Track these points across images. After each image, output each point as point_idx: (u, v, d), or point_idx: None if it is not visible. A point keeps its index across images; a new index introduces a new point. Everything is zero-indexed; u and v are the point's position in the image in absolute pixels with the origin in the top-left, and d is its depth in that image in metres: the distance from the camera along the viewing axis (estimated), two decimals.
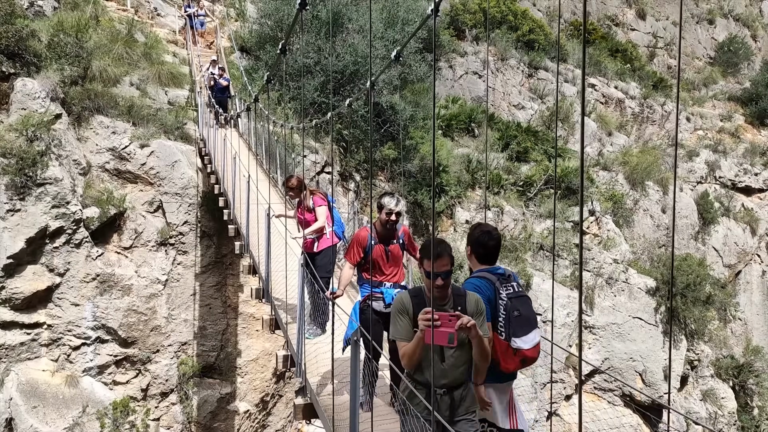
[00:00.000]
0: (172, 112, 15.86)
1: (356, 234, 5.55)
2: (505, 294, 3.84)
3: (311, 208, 7.23)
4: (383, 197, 5.30)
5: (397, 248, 5.46)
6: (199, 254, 14.32)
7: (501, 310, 3.78)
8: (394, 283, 5.40)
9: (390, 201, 5.23)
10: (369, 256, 5.27)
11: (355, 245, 5.39)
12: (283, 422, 14.73)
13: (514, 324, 3.78)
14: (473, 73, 23.20)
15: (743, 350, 21.41)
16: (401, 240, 5.52)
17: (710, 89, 28.65)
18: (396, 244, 5.45)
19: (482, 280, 3.90)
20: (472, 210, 18.49)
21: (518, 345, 3.78)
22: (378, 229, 5.38)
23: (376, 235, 5.36)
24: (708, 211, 22.45)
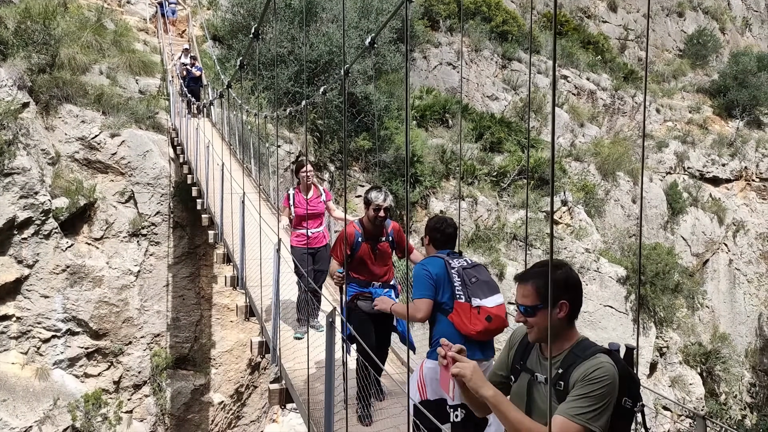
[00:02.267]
0: (144, 101, 15.64)
1: (342, 231, 5.05)
2: (457, 264, 3.87)
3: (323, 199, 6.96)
4: (370, 192, 5.01)
5: (386, 246, 5.17)
6: (172, 245, 14.18)
7: (455, 278, 3.80)
8: (383, 283, 5.14)
9: (377, 196, 4.93)
10: (356, 254, 5.03)
11: (341, 242, 5.01)
12: (258, 413, 14.70)
13: (473, 288, 3.79)
14: (447, 64, 23.25)
15: (710, 337, 21.91)
16: (390, 237, 5.20)
17: (679, 81, 29.11)
18: (385, 241, 5.15)
19: (430, 258, 3.96)
20: (446, 200, 18.58)
21: (480, 303, 3.77)
22: (366, 226, 5.08)
23: (363, 232, 5.07)
24: (677, 201, 22.87)
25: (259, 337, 6.03)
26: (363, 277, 5.05)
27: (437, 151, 19.26)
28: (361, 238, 5.05)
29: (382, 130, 18.11)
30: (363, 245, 5.04)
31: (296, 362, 5.24)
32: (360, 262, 5.04)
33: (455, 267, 3.86)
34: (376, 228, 5.07)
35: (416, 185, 17.69)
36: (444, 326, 3.80)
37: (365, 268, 5.06)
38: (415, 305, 3.82)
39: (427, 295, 3.80)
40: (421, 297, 3.81)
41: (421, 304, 3.82)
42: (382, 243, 5.11)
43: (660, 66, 29.70)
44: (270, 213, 11.12)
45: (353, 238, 5.02)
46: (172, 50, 19.64)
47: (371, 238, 5.08)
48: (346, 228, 4.63)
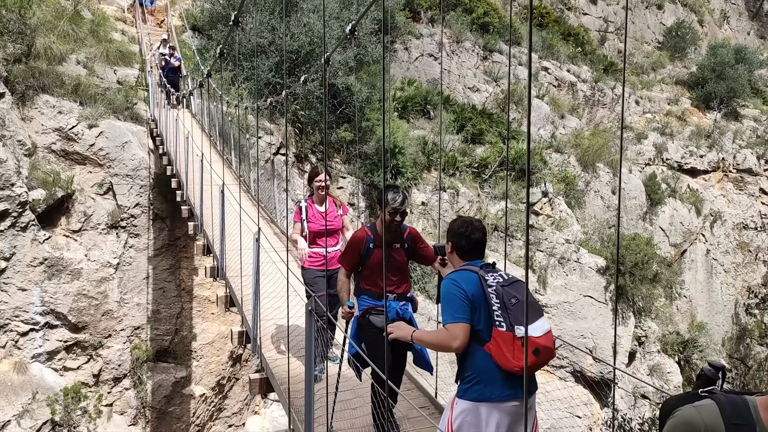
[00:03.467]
0: (122, 91, 15.46)
1: (353, 235, 4.62)
2: (494, 281, 3.19)
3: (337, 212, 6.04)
4: (387, 193, 4.37)
5: (402, 253, 4.55)
6: (151, 237, 14.06)
7: (493, 299, 3.12)
8: (398, 295, 4.52)
9: (394, 197, 4.30)
10: (367, 262, 4.47)
11: (352, 249, 4.49)
12: (239, 405, 14.67)
13: (514, 312, 3.11)
14: (429, 56, 23.24)
15: (688, 326, 22.23)
16: (406, 243, 4.57)
17: (658, 73, 29.38)
18: (400, 248, 4.54)
19: (461, 272, 3.25)
20: (428, 192, 18.61)
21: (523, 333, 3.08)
22: (378, 230, 4.44)
23: (375, 238, 4.47)
24: (655, 192, 23.11)
25: (239, 328, 6.02)
26: (375, 289, 4.42)
27: (419, 142, 19.27)
28: (373, 245, 4.45)
29: (363, 122, 18.07)
30: (375, 252, 4.44)
31: (276, 351, 5.23)
32: (372, 272, 4.46)
33: (492, 285, 3.19)
34: (391, 233, 4.45)
35: (398, 177, 17.69)
36: (479, 359, 3.13)
37: (378, 278, 4.39)
38: (448, 332, 3.11)
39: (464, 318, 3.10)
40: (455, 321, 3.10)
41: (456, 330, 3.10)
42: (396, 250, 4.52)
43: (639, 58, 29.94)
44: (250, 204, 11.07)
45: (364, 245, 4.46)
46: (151, 40, 19.42)
47: (385, 245, 4.38)
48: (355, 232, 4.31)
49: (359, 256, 4.45)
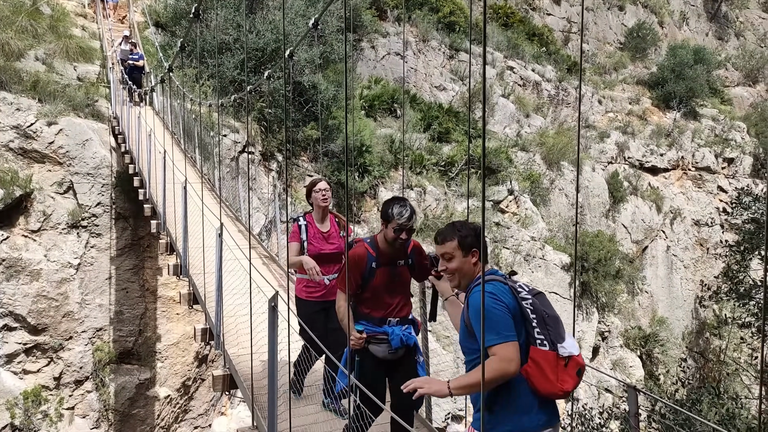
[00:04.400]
0: (82, 88, 15.16)
1: (352, 253, 3.97)
2: (526, 293, 2.86)
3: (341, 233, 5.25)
4: (392, 205, 3.83)
5: (406, 271, 4.07)
6: (114, 236, 13.81)
7: (530, 314, 2.79)
8: (401, 319, 4.03)
9: (401, 212, 3.79)
10: (369, 285, 3.93)
11: (351, 269, 3.93)
12: (206, 406, 14.51)
13: (554, 328, 2.82)
14: (395, 54, 23.29)
15: (649, 321, 22.71)
16: (411, 259, 4.08)
17: (620, 73, 29.93)
18: (404, 265, 4.06)
19: (494, 284, 2.86)
20: (395, 190, 18.66)
21: (569, 351, 2.79)
22: (380, 247, 3.95)
23: (378, 255, 3.95)
24: (618, 190, 23.55)
25: (203, 325, 5.96)
26: (377, 314, 3.96)
27: (386, 141, 19.31)
28: (375, 263, 3.92)
29: (330, 120, 18.02)
30: (378, 272, 3.93)
31: (240, 347, 5.19)
32: (375, 295, 3.95)
33: (527, 297, 2.85)
34: (396, 250, 3.97)
35: (365, 175, 17.69)
36: (514, 384, 2.77)
37: (380, 301, 3.96)
38: (499, 356, 2.69)
39: (512, 336, 2.73)
40: (505, 340, 2.70)
41: (509, 351, 2.70)
42: (401, 267, 4.04)
43: (602, 58, 30.46)
44: (214, 202, 10.96)
45: (365, 264, 3.91)
46: (112, 36, 19.06)
47: (388, 263, 3.96)
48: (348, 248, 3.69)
49: (360, 278, 3.91)
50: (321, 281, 4.93)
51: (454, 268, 2.99)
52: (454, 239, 2.98)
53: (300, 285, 5.11)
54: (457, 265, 2.97)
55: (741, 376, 19.97)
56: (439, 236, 3.04)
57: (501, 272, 2.97)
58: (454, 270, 2.99)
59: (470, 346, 2.91)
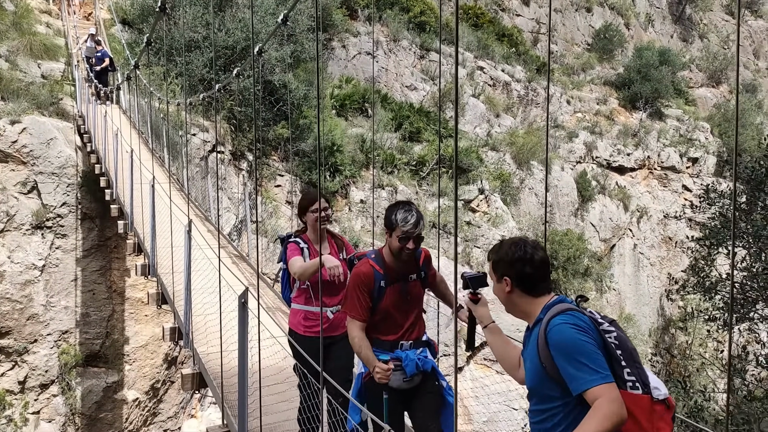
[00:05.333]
0: (47, 86, 14.87)
1: (356, 272, 3.50)
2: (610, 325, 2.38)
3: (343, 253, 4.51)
4: (395, 211, 3.38)
5: (418, 286, 3.60)
6: (80, 237, 13.55)
7: (616, 351, 2.30)
8: (414, 341, 3.56)
9: (406, 218, 3.32)
10: (378, 306, 3.46)
11: (359, 290, 3.42)
12: (175, 409, 14.32)
13: (639, 365, 2.34)
14: (366, 54, 23.28)
15: (617, 318, 23.08)
16: (423, 272, 3.63)
17: (588, 74, 30.36)
18: (416, 279, 3.59)
19: (575, 315, 2.35)
20: (366, 189, 18.66)
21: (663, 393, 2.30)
22: (387, 262, 3.47)
23: (386, 271, 3.47)
24: (586, 189, 23.88)
25: (171, 324, 5.88)
26: (389, 338, 3.50)
27: (357, 140, 19.29)
28: (384, 282, 3.45)
29: (301, 119, 17.94)
30: (388, 291, 3.46)
31: (209, 346, 5.14)
32: (385, 317, 3.49)
33: (611, 330, 2.36)
34: (405, 264, 3.50)
35: (336, 174, 17.65)
36: None
37: (391, 323, 3.50)
38: (609, 395, 2.16)
39: (611, 376, 2.23)
40: (606, 380, 2.19)
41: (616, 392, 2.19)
42: (412, 282, 3.55)
43: (570, 59, 30.86)
44: (183, 202, 10.83)
45: (373, 283, 3.43)
46: (77, 33, 18.71)
47: (398, 279, 3.50)
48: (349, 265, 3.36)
49: (370, 299, 3.42)
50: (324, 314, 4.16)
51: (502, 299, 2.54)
52: (489, 261, 2.58)
53: (297, 317, 4.26)
54: (504, 295, 2.53)
55: (707, 370, 20.40)
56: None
57: (569, 299, 2.51)
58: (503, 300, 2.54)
59: (550, 393, 2.34)
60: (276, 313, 6.24)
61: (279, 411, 4.22)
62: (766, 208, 8.81)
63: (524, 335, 2.56)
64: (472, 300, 2.93)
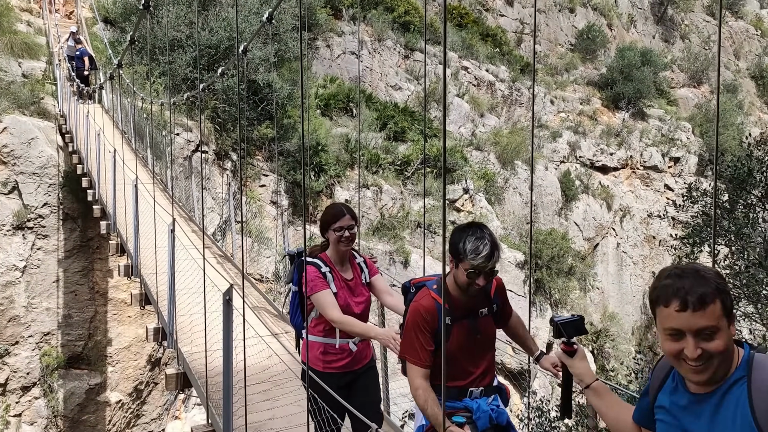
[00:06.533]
0: (27, 85, 14.70)
1: (415, 307, 2.89)
2: None
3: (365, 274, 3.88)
4: (464, 238, 2.77)
5: (490, 323, 3.02)
6: (62, 238, 13.41)
7: None
8: (485, 388, 3.01)
9: (479, 248, 2.73)
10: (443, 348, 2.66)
11: (419, 329, 2.83)
12: (159, 410, 14.21)
13: None
14: (351, 53, 23.26)
15: (601, 317, 23.24)
16: (495, 305, 3.03)
17: (571, 74, 30.55)
18: (488, 314, 2.99)
19: None
20: (351, 189, 18.63)
21: None
22: (454, 295, 2.88)
23: (452, 306, 2.88)
24: (570, 188, 24.04)
25: (155, 324, 5.83)
26: (454, 383, 2.94)
27: (341, 140, 19.26)
28: (449, 319, 2.84)
29: (285, 119, 17.88)
30: (455, 330, 2.88)
31: (194, 345, 5.10)
32: (450, 360, 2.91)
33: None
34: (473, 299, 2.90)
35: (321, 174, 17.61)
36: None
37: (458, 367, 2.94)
38: None
39: None
40: None
41: None
42: (482, 318, 2.96)
43: (553, 59, 31.03)
44: (167, 202, 10.75)
45: (436, 320, 2.82)
46: (59, 32, 18.51)
47: (466, 315, 2.90)
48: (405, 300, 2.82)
49: (432, 340, 2.83)
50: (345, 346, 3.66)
51: (720, 350, 1.72)
52: (716, 301, 1.71)
53: (314, 352, 3.68)
54: (725, 344, 1.72)
55: None
56: (678, 295, 1.72)
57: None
58: (719, 353, 1.72)
59: None
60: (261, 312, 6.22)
61: (263, 409, 4.20)
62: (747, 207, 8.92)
63: (681, 401, 1.85)
64: (566, 352, 2.33)
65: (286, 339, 5.44)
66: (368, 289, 3.79)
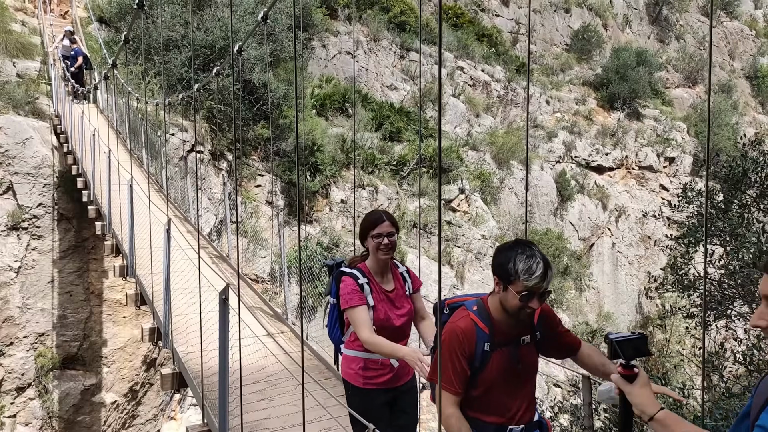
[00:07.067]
0: (22, 85, 14.66)
1: (451, 329, 2.61)
2: None
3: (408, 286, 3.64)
4: (514, 256, 2.50)
5: (533, 352, 2.73)
6: (57, 238, 13.37)
7: None
8: (526, 425, 2.73)
9: (532, 267, 2.46)
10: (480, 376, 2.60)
11: (454, 354, 2.56)
12: (154, 411, 14.18)
13: None
14: (346, 53, 23.25)
15: (596, 316, 23.29)
16: (538, 333, 2.74)
17: (567, 74, 30.60)
18: (531, 343, 2.71)
19: None
20: (347, 189, 18.63)
21: None
22: (495, 318, 2.60)
23: (492, 332, 2.60)
24: (565, 188, 24.08)
25: (149, 324, 5.82)
26: (493, 419, 2.66)
27: (337, 140, 19.25)
28: (489, 345, 2.58)
29: (281, 119, 17.86)
30: (494, 357, 2.60)
31: (189, 345, 5.09)
32: (486, 391, 2.62)
33: None
34: (519, 323, 2.63)
35: (316, 174, 17.60)
36: None
37: (496, 400, 2.65)
38: None
39: None
40: None
41: None
42: (524, 347, 2.68)
43: (549, 59, 31.08)
44: (162, 203, 10.73)
45: (473, 345, 2.57)
46: (53, 32, 18.45)
47: (507, 342, 2.63)
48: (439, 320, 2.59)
49: (469, 367, 2.57)
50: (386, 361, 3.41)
51: None
52: None
53: (353, 367, 3.48)
54: None
55: (685, 367, 20.68)
56: None
57: None
58: None
59: None
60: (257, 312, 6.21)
61: (259, 409, 4.19)
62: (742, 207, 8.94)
63: None
64: (624, 377, 1.99)
65: (282, 339, 5.44)
66: (410, 301, 3.57)
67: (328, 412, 3.31)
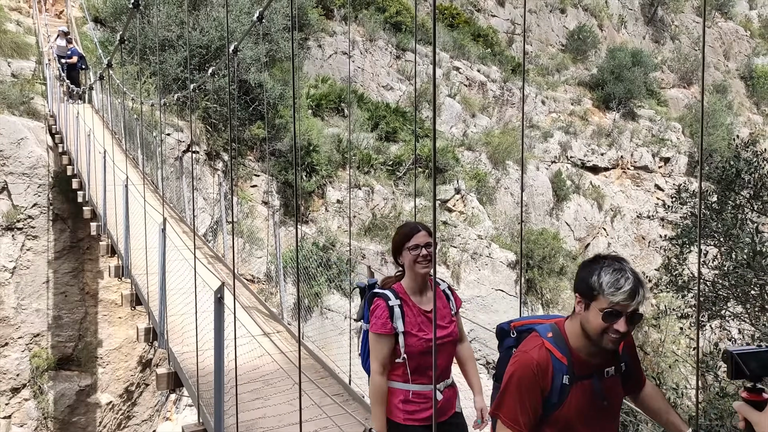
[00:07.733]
0: (17, 85, 14.63)
1: (523, 361, 2.24)
2: None
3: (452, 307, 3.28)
4: (599, 271, 2.14)
5: (618, 385, 2.35)
6: (52, 239, 13.34)
7: None
8: None
9: (619, 281, 2.10)
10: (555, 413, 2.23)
11: (524, 389, 2.20)
12: (150, 412, 14.16)
13: None
14: (342, 53, 23.25)
15: None
16: (624, 363, 2.37)
17: (562, 74, 30.66)
18: (615, 375, 2.33)
19: None
20: (343, 189, 18.63)
21: None
22: (574, 346, 2.25)
23: (572, 363, 2.24)
24: (561, 188, 24.13)
25: (145, 324, 5.82)
26: None
27: (333, 140, 19.26)
28: (567, 378, 2.22)
29: (277, 119, 17.86)
30: (574, 391, 2.23)
31: (185, 345, 5.09)
32: (564, 429, 2.25)
33: None
34: (604, 353, 2.25)
35: (312, 174, 17.60)
36: None
37: None
38: None
39: None
40: None
41: None
42: (609, 380, 2.31)
43: (544, 60, 31.14)
44: (157, 203, 10.72)
45: (549, 378, 2.21)
46: (48, 32, 18.41)
47: (589, 373, 2.26)
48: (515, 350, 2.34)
49: (542, 402, 2.21)
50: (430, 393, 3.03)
51: None
52: None
53: (395, 401, 3.09)
54: None
55: (680, 367, 20.74)
56: None
57: None
58: None
59: None
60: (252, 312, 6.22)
61: (254, 408, 4.20)
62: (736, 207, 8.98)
63: None
64: (750, 402, 1.62)
65: (278, 338, 5.44)
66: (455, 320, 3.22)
67: (323, 411, 3.32)
